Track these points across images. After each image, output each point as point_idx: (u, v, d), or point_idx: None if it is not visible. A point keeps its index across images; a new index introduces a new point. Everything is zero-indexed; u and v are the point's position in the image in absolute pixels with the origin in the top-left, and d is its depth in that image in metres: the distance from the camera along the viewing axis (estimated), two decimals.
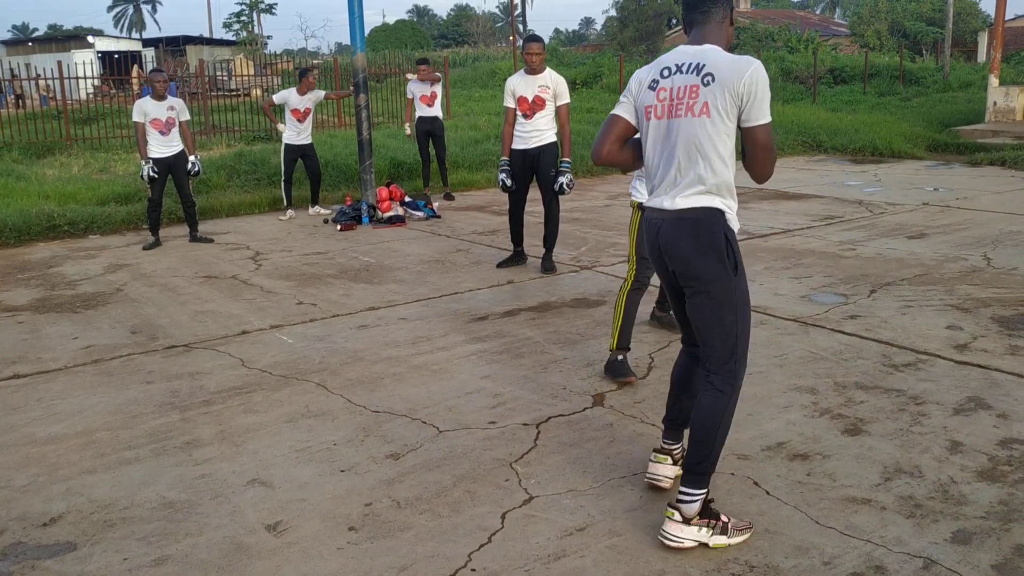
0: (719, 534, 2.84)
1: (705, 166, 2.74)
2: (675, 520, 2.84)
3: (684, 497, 2.86)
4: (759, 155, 2.74)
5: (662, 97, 2.80)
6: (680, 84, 2.76)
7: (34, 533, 3.06)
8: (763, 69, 2.70)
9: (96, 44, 37.17)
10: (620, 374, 4.36)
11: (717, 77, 2.69)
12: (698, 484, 2.85)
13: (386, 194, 9.55)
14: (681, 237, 2.79)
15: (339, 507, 3.18)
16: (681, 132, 2.76)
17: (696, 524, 2.82)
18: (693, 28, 2.86)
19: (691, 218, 2.78)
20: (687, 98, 2.74)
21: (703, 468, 2.86)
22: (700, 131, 2.73)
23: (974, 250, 7.09)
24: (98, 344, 5.27)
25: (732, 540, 2.85)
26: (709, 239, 2.76)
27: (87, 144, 16.58)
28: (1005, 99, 17.74)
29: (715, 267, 2.76)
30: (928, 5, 43.52)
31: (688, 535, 2.82)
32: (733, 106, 2.69)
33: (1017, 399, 4.01)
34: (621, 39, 40.24)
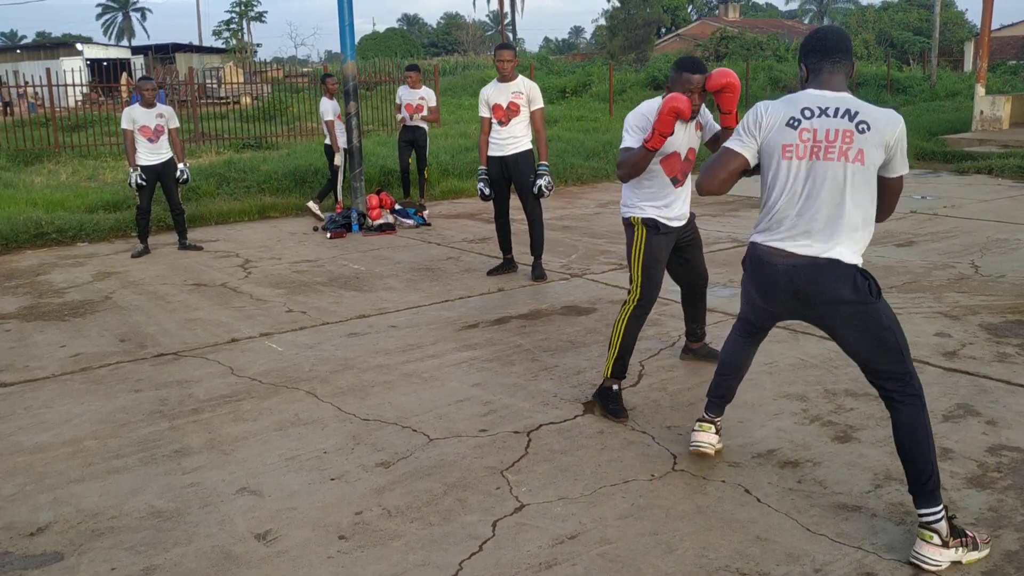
0: (971, 550, 2.77)
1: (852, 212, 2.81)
2: (933, 544, 2.74)
3: (929, 517, 2.78)
4: (893, 201, 2.90)
5: (805, 138, 2.82)
6: (829, 127, 2.79)
7: (21, 543, 3.03)
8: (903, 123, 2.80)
9: (85, 51, 37.04)
10: (613, 410, 4.01)
11: (873, 127, 2.75)
12: (933, 502, 2.79)
13: (376, 202, 9.54)
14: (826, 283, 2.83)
15: (329, 515, 3.17)
16: (827, 176, 2.80)
17: (953, 545, 2.75)
18: (823, 74, 2.87)
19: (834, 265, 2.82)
20: (839, 142, 2.77)
21: (932, 485, 2.80)
22: (853, 177, 2.79)
23: (962, 258, 7.14)
24: (86, 352, 5.24)
25: (982, 554, 2.78)
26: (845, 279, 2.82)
27: (75, 151, 16.52)
28: (992, 108, 17.88)
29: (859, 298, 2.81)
30: (915, 15, 43.93)
31: (946, 558, 2.74)
32: (883, 156, 2.78)
33: (1006, 406, 4.03)
34: (611, 48, 40.41)
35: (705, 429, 3.50)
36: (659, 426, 3.90)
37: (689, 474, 3.43)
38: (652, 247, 4.10)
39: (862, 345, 2.88)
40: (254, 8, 41.04)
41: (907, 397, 2.85)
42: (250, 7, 40.88)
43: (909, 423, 2.84)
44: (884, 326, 2.84)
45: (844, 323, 2.88)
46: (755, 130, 2.94)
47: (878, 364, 2.88)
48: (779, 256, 2.91)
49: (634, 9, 39.52)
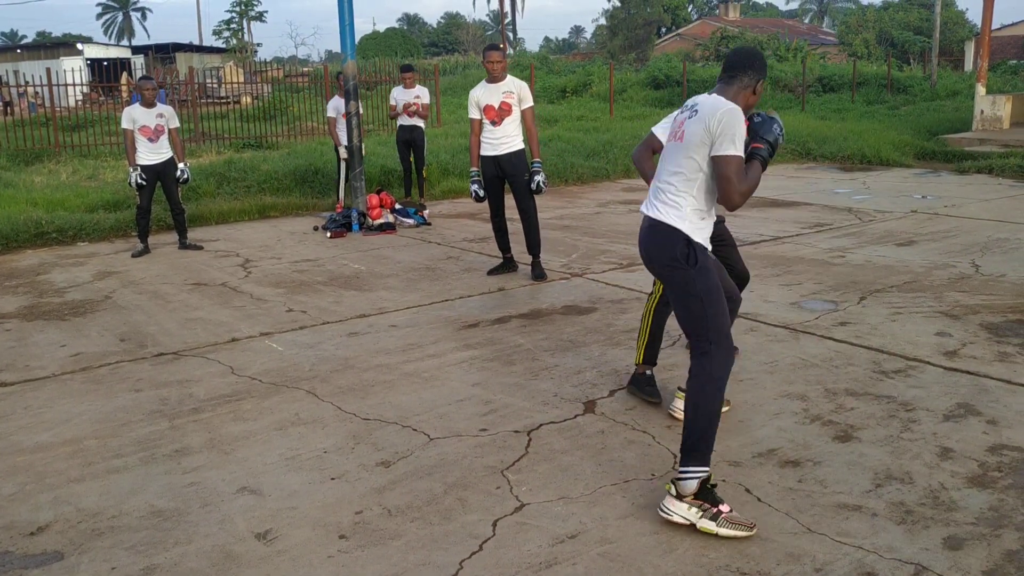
0: (708, 519, 2.95)
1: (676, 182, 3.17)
2: (671, 494, 3.02)
3: (680, 475, 3.04)
4: (723, 187, 3.05)
5: (675, 128, 3.23)
6: (681, 118, 3.21)
7: (21, 542, 3.03)
8: (738, 113, 3.03)
9: (85, 51, 37.04)
10: (649, 392, 4.18)
11: (699, 112, 3.10)
12: (693, 462, 3.03)
13: (376, 201, 9.53)
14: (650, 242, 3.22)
15: (329, 515, 3.17)
16: (669, 153, 3.23)
17: (688, 503, 2.98)
18: (719, 83, 3.23)
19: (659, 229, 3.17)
20: (681, 128, 3.17)
21: (692, 445, 3.05)
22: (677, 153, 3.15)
23: (962, 257, 7.13)
24: (86, 352, 5.24)
25: (720, 530, 2.94)
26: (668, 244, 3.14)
27: (76, 151, 16.52)
28: (992, 107, 17.88)
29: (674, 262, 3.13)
30: (915, 15, 43.91)
31: (679, 510, 2.99)
32: (707, 136, 3.03)
33: (1006, 405, 4.03)
34: (611, 47, 40.40)
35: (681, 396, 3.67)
36: (660, 426, 3.90)
37: None
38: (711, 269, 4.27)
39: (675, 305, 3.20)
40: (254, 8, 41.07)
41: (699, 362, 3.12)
42: (250, 7, 40.89)
43: (694, 390, 3.10)
44: (692, 294, 3.11)
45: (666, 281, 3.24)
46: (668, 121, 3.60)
47: (683, 325, 3.19)
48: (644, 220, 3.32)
49: (634, 9, 39.52)
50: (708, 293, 3.10)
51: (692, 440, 3.05)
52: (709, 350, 3.09)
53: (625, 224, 9.21)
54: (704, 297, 3.09)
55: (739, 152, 3.01)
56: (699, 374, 3.10)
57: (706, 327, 3.10)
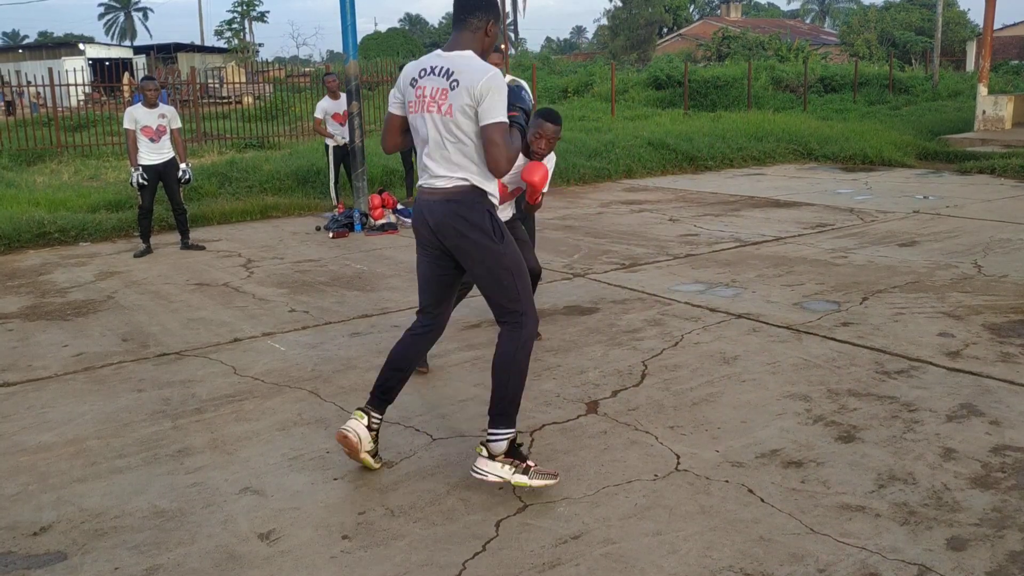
0: (520, 474, 3.17)
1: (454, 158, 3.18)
2: (483, 456, 3.20)
3: (491, 437, 3.21)
4: (492, 153, 3.08)
5: (419, 95, 3.19)
6: (432, 85, 3.16)
7: (24, 543, 3.03)
8: (499, 77, 3.08)
9: (87, 51, 37.08)
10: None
11: (461, 82, 3.08)
12: (502, 424, 3.20)
13: (379, 201, 9.54)
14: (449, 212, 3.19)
15: (332, 515, 3.17)
16: (431, 127, 3.17)
17: (501, 462, 3.17)
18: (454, 31, 3.24)
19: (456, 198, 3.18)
20: (439, 98, 3.14)
21: (502, 408, 3.20)
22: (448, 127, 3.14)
23: (965, 257, 7.13)
24: (89, 352, 5.24)
25: (533, 482, 3.17)
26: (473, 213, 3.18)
27: (78, 151, 16.54)
28: (994, 108, 17.87)
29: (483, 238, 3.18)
30: (917, 15, 43.88)
31: (492, 470, 3.18)
32: (472, 106, 3.07)
33: (1009, 406, 4.02)
34: (612, 47, 40.42)
35: (359, 417, 3.43)
36: (662, 426, 3.90)
37: (692, 474, 3.42)
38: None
39: (481, 279, 3.26)
40: (256, 8, 41.07)
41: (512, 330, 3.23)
42: (252, 7, 40.89)
43: (506, 358, 3.21)
44: (504, 266, 3.19)
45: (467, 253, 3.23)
46: (397, 91, 3.35)
47: (492, 296, 3.26)
48: (424, 193, 3.30)
49: (636, 9, 39.54)
50: (516, 265, 3.22)
51: (503, 404, 3.20)
52: (521, 320, 3.22)
53: (627, 224, 9.21)
54: (514, 269, 3.21)
55: (505, 118, 3.08)
56: (512, 341, 3.22)
57: (518, 297, 3.22)
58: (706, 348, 4.98)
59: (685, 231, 8.75)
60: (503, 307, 3.26)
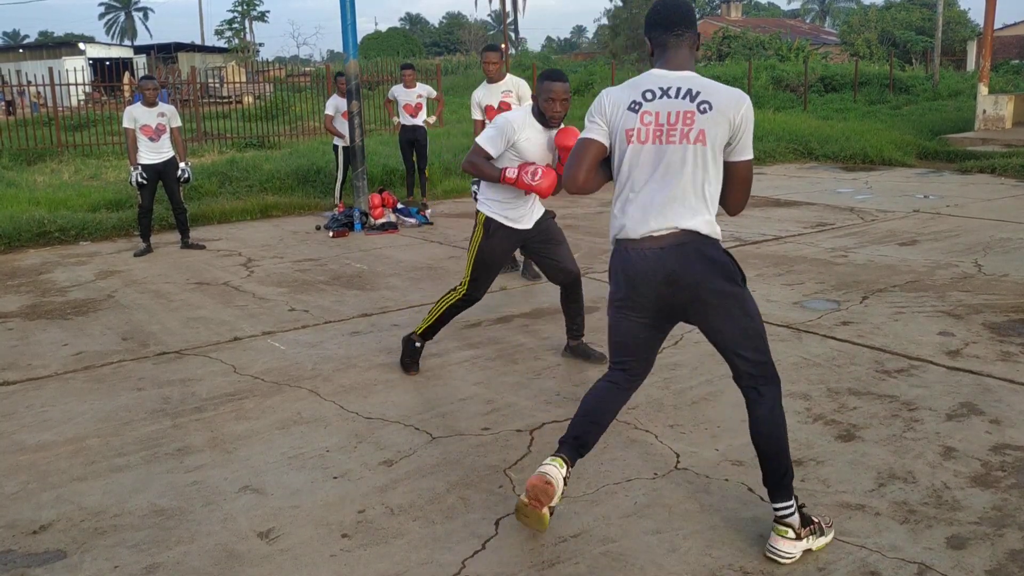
0: (819, 536, 2.83)
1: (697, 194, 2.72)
2: (788, 538, 2.77)
3: (784, 511, 2.79)
4: (743, 190, 2.78)
5: (647, 121, 2.73)
6: (671, 109, 2.71)
7: (23, 541, 3.03)
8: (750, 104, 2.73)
9: (87, 51, 37.08)
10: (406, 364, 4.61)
11: (715, 105, 2.67)
12: (790, 495, 2.82)
13: (379, 201, 9.53)
14: (688, 260, 2.72)
15: (332, 514, 3.17)
16: (672, 159, 2.71)
17: (803, 536, 2.79)
18: (667, 51, 2.80)
19: (692, 244, 2.72)
20: (680, 124, 2.69)
21: (789, 479, 2.82)
22: (695, 159, 2.70)
23: (965, 257, 7.12)
24: (89, 351, 5.24)
25: (828, 538, 2.85)
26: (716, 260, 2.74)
27: (78, 151, 16.54)
28: (994, 107, 17.86)
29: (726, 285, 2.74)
30: (917, 14, 43.85)
31: (799, 549, 2.79)
32: (727, 137, 2.69)
33: (1009, 405, 4.02)
34: (613, 47, 40.41)
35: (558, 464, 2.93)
36: (662, 424, 3.89)
37: (692, 472, 3.42)
38: (486, 249, 4.32)
39: (725, 330, 2.78)
40: (256, 8, 41.08)
41: (770, 387, 2.81)
42: (252, 7, 40.91)
43: (776, 420, 2.81)
44: (749, 314, 2.77)
45: (711, 308, 2.77)
46: (600, 116, 2.84)
47: (742, 350, 2.79)
48: (646, 243, 2.78)
49: (636, 8, 39.50)
50: (757, 312, 2.82)
51: (783, 474, 2.81)
52: (773, 373, 2.83)
53: None
54: (757, 316, 2.80)
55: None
56: (774, 399, 2.81)
57: (766, 351, 2.81)
58: (706, 347, 4.96)
59: None
60: (752, 360, 2.79)
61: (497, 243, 4.25)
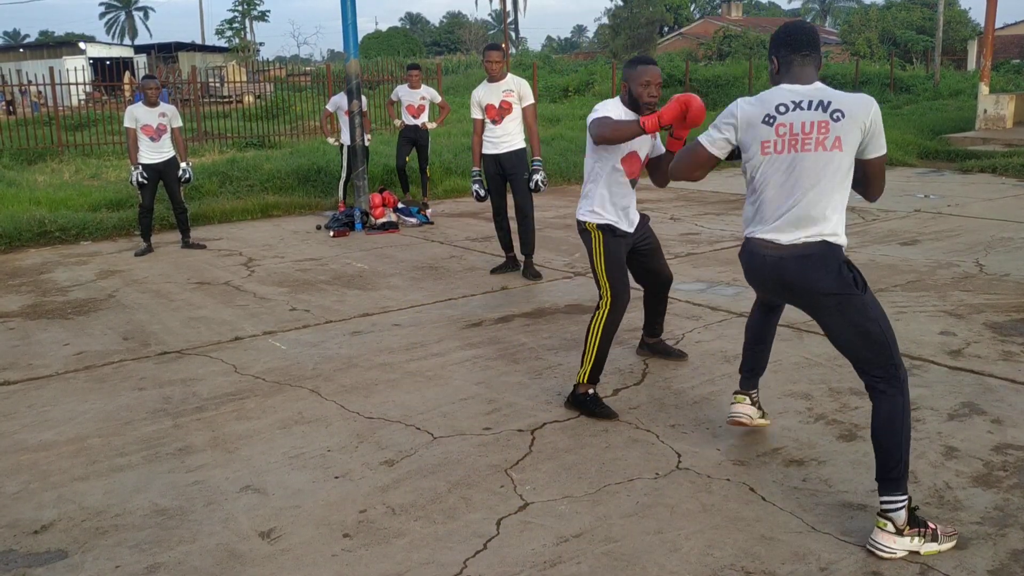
0: (930, 541, 2.81)
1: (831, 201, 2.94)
2: (887, 531, 2.80)
3: (888, 505, 2.83)
4: (880, 180, 3.06)
5: (781, 132, 2.90)
6: (804, 120, 2.88)
7: (25, 541, 3.03)
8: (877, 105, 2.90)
9: (88, 50, 37.08)
10: (603, 414, 3.99)
11: (848, 114, 2.84)
12: (896, 490, 2.83)
13: (379, 200, 9.53)
14: (807, 271, 2.92)
15: (333, 514, 3.17)
16: (807, 167, 2.89)
17: (908, 534, 2.80)
18: (793, 68, 2.96)
19: (816, 254, 2.91)
20: (815, 133, 2.86)
21: (897, 473, 2.84)
22: (827, 166, 2.88)
23: (966, 256, 7.12)
24: (90, 350, 5.24)
25: (943, 547, 2.82)
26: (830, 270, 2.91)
27: (78, 150, 16.53)
28: (995, 107, 17.84)
29: (843, 290, 2.90)
30: (918, 14, 43.83)
31: (901, 546, 2.79)
32: (859, 140, 2.88)
33: (1011, 404, 4.02)
34: (613, 47, 40.40)
35: (741, 400, 3.66)
36: (663, 424, 3.89)
37: (694, 472, 3.42)
38: (611, 251, 4.11)
39: (841, 335, 2.98)
40: (256, 7, 41.09)
41: (891, 387, 2.89)
42: (252, 6, 40.91)
43: (899, 422, 2.87)
44: (870, 318, 2.90)
45: (828, 312, 2.97)
46: (729, 128, 3.02)
47: (860, 351, 2.94)
48: (768, 247, 3.00)
49: (637, 8, 39.51)
50: (883, 315, 2.93)
51: (900, 467, 2.84)
52: (899, 376, 2.88)
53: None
54: (881, 319, 2.91)
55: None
56: (898, 403, 2.86)
57: (891, 350, 2.89)
58: (707, 347, 4.97)
59: (686, 230, 8.74)
60: (873, 363, 2.91)
61: (614, 242, 4.15)
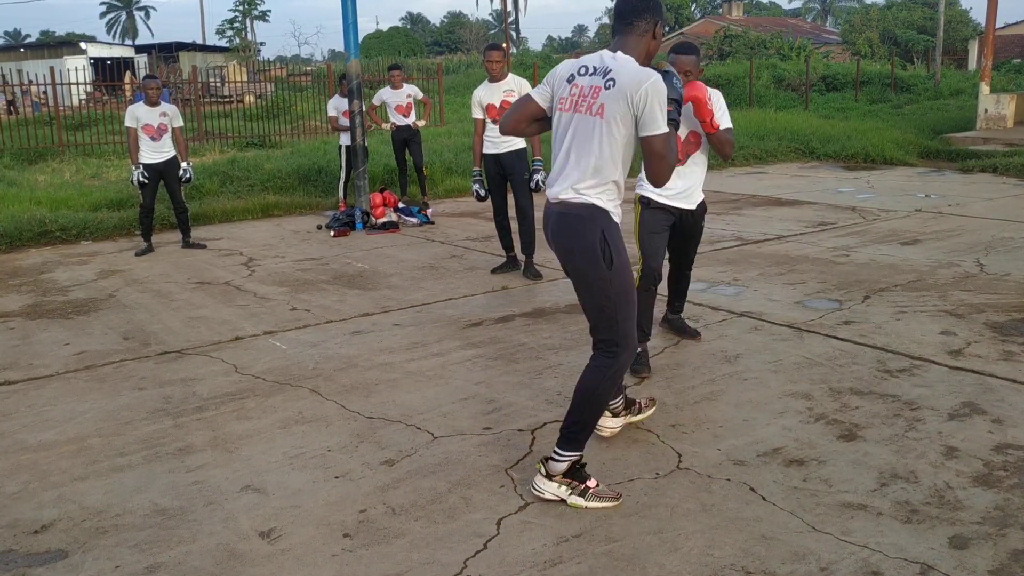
0: (577, 495, 3.09)
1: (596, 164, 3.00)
2: (540, 473, 3.14)
3: (555, 456, 3.14)
4: (653, 164, 2.95)
5: (572, 92, 3.04)
6: (588, 84, 3.00)
7: (25, 540, 3.03)
8: (660, 83, 2.90)
9: (89, 50, 37.10)
10: (636, 369, 4.44)
11: (617, 83, 2.92)
12: (568, 447, 3.12)
13: (380, 200, 9.53)
14: (563, 230, 3.07)
15: (333, 514, 3.17)
16: (579, 128, 3.01)
17: (558, 481, 3.11)
18: (616, 36, 3.10)
19: (573, 213, 3.03)
20: (590, 97, 2.98)
21: (571, 434, 3.12)
22: (593, 130, 2.97)
23: (967, 256, 7.11)
24: (90, 350, 5.24)
25: (589, 504, 3.08)
26: (584, 235, 3.01)
27: (79, 150, 16.54)
28: (996, 106, 17.84)
29: (590, 258, 3.02)
30: (919, 13, 43.83)
31: (549, 488, 3.12)
32: (628, 113, 2.91)
33: (1012, 404, 4.02)
34: None
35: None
36: (664, 424, 3.89)
37: (694, 472, 3.42)
38: (646, 220, 4.50)
39: (582, 300, 3.16)
40: (257, 7, 41.09)
41: (605, 358, 3.10)
42: (253, 6, 40.92)
43: (591, 384, 3.11)
44: (607, 295, 3.04)
45: (575, 273, 3.11)
46: (549, 82, 3.18)
47: (592, 320, 3.14)
48: (550, 203, 3.15)
49: None
50: (622, 295, 3.05)
51: (576, 429, 3.12)
52: (615, 351, 3.10)
53: (628, 223, 9.16)
54: (617, 299, 3.04)
55: (666, 127, 2.91)
56: (600, 371, 3.11)
57: (616, 330, 3.07)
58: (708, 346, 4.97)
59: None
60: (599, 333, 3.12)
61: (650, 214, 4.50)
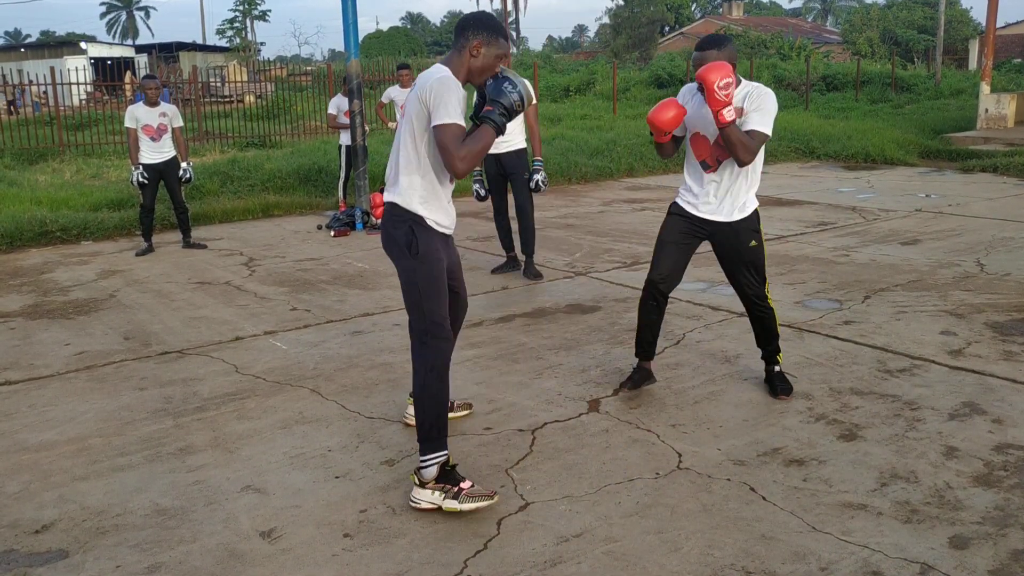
0: (451, 499, 3.10)
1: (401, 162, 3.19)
2: (415, 483, 3.17)
3: (421, 465, 3.17)
4: (441, 155, 3.07)
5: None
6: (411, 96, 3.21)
7: (26, 540, 3.03)
8: (449, 80, 3.05)
9: (89, 50, 37.11)
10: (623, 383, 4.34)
11: (417, 85, 3.13)
12: (428, 449, 3.16)
13: (380, 200, 9.51)
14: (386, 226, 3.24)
15: (334, 514, 3.17)
16: (400, 132, 3.24)
17: (431, 488, 3.13)
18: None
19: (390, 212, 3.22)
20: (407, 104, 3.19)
21: (423, 435, 3.17)
22: (403, 130, 3.18)
23: (967, 256, 7.11)
24: (91, 350, 5.24)
25: (463, 506, 3.09)
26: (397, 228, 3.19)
27: (79, 150, 16.54)
28: (996, 106, 17.84)
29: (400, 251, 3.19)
30: (919, 13, 43.83)
31: (424, 497, 3.14)
32: (423, 109, 3.07)
33: (1012, 404, 4.02)
34: (614, 46, 40.41)
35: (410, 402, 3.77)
36: (664, 424, 3.89)
37: (694, 472, 3.42)
38: (662, 226, 4.17)
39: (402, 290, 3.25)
40: (257, 7, 41.07)
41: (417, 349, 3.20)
42: (253, 6, 40.91)
43: (418, 383, 3.19)
44: (410, 281, 3.18)
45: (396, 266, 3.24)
46: None
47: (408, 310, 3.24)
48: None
49: (638, 7, 39.51)
50: (428, 283, 3.17)
51: (425, 429, 3.16)
52: (426, 340, 3.18)
53: (629, 223, 9.20)
54: (424, 284, 3.16)
55: (455, 119, 3.00)
56: (420, 366, 3.18)
57: (423, 318, 3.17)
58: (708, 347, 4.98)
59: None
60: (412, 324, 3.23)
61: (670, 220, 4.15)
